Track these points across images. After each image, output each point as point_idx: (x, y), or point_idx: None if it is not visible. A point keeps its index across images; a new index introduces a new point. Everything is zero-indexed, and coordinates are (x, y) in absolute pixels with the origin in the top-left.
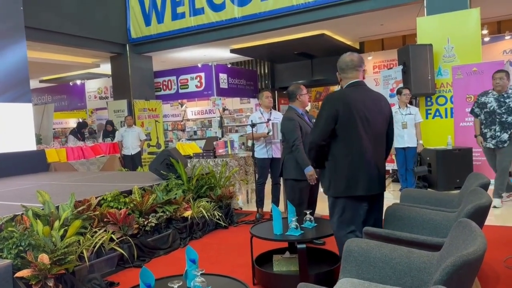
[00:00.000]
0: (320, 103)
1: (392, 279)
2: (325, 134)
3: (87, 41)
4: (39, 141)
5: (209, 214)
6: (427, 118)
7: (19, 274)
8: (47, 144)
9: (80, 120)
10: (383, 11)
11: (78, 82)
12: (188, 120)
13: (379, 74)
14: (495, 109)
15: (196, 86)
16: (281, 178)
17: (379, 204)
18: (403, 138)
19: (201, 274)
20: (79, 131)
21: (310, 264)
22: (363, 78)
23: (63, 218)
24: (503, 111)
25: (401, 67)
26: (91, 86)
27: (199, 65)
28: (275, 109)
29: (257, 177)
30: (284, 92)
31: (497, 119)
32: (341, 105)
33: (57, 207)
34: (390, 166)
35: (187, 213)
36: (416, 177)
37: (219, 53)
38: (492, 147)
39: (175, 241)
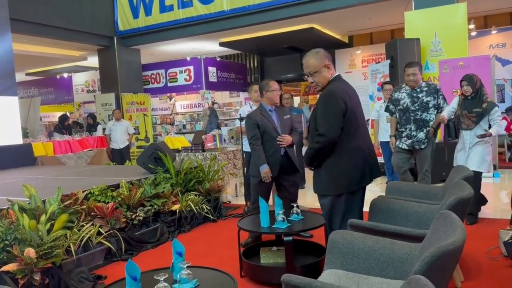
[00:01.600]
0: (310, 97)
1: (375, 270)
2: (339, 129)
3: (74, 33)
4: (25, 134)
5: (197, 207)
6: None
7: (5, 268)
8: (34, 137)
9: (62, 114)
10: (371, 5)
11: (65, 75)
12: (177, 113)
13: (367, 68)
14: (408, 105)
15: (185, 79)
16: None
17: (364, 194)
18: (388, 132)
19: (188, 266)
20: (63, 125)
21: (296, 256)
22: None
23: (49, 212)
24: (417, 107)
25: (388, 61)
26: (79, 79)
27: (188, 59)
28: None
29: (245, 170)
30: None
31: (412, 117)
32: (346, 98)
33: (44, 201)
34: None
35: (175, 207)
36: None
37: (208, 46)
38: (406, 147)
39: (163, 234)
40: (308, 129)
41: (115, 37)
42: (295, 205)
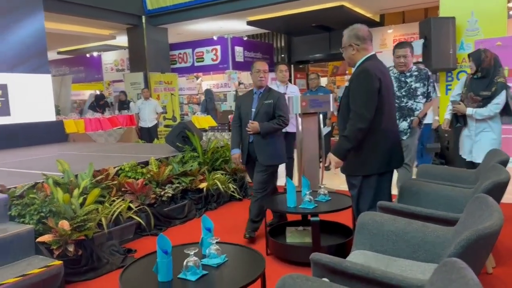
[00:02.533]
0: (338, 77)
1: (405, 252)
2: (375, 108)
3: (103, 12)
4: (57, 112)
5: (223, 186)
6: (446, 93)
7: (41, 239)
8: (65, 115)
9: (98, 93)
10: None
11: (95, 54)
12: (203, 93)
13: None
14: (394, 91)
15: (212, 59)
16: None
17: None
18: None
19: (216, 242)
20: (98, 104)
21: (323, 236)
22: None
23: (82, 187)
24: (403, 93)
25: (421, 40)
26: (108, 58)
27: (215, 38)
28: (291, 83)
29: None
30: (300, 66)
31: (396, 104)
32: (381, 76)
33: (76, 176)
34: None
35: (203, 185)
36: (433, 153)
37: (236, 25)
38: None
39: (191, 211)
40: (339, 108)
41: (143, 16)
42: (322, 186)
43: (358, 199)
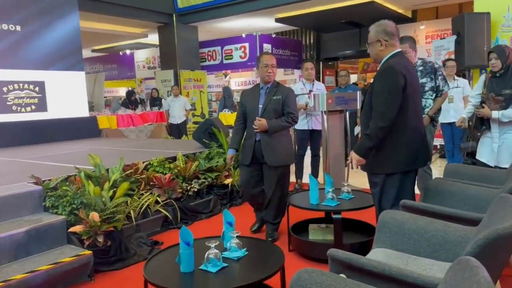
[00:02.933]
0: (368, 74)
1: (426, 251)
2: (398, 106)
3: (136, 10)
4: (91, 108)
5: None
6: None
7: (72, 229)
8: (99, 111)
9: (129, 89)
10: None
11: (128, 52)
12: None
13: (431, 45)
14: (420, 89)
15: (240, 56)
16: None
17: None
18: (449, 112)
19: (237, 236)
20: (129, 100)
21: (345, 234)
22: None
23: (112, 180)
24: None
25: (454, 37)
26: (140, 56)
27: (244, 35)
28: (319, 80)
29: (296, 148)
30: (330, 63)
31: None
32: (406, 73)
33: (107, 170)
34: (437, 142)
35: (228, 181)
36: (464, 153)
37: (264, 22)
38: None
39: (216, 206)
40: (362, 106)
41: (174, 15)
42: (345, 184)
43: (381, 198)
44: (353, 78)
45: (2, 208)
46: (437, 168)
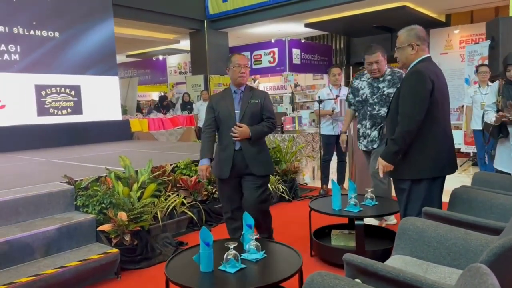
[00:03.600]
0: None
1: (446, 259)
2: (425, 111)
3: (168, 17)
4: (124, 111)
5: (273, 187)
6: None
7: (101, 228)
8: (132, 115)
9: (162, 94)
10: None
11: (160, 57)
12: None
13: (465, 50)
14: (367, 97)
15: (269, 61)
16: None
17: (443, 185)
18: (482, 119)
19: (256, 239)
20: (161, 105)
21: (369, 241)
22: None
23: (140, 181)
24: (375, 100)
25: (488, 42)
26: (172, 61)
27: (273, 41)
28: (349, 85)
29: (322, 153)
30: (360, 68)
31: (368, 111)
32: (434, 78)
33: (136, 171)
34: (470, 149)
35: None
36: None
37: (294, 27)
38: (364, 149)
39: None
40: (388, 111)
41: (205, 21)
42: (369, 190)
43: (407, 205)
44: None
45: (36, 205)
46: (469, 176)
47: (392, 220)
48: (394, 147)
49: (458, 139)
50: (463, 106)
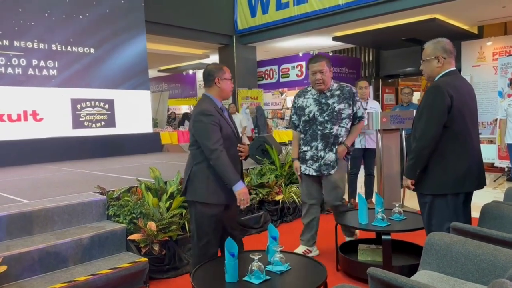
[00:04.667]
0: None
1: (474, 276)
2: (441, 126)
3: (199, 33)
4: (155, 124)
5: (300, 199)
6: None
7: (131, 237)
8: (162, 127)
9: (190, 107)
10: None
11: (190, 71)
12: (287, 108)
13: (498, 62)
14: (315, 115)
15: (297, 75)
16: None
17: (470, 201)
18: None
19: (281, 251)
20: (188, 118)
21: (397, 256)
22: None
23: (169, 192)
24: (326, 118)
25: None
26: (201, 76)
27: (300, 54)
28: (378, 98)
29: (349, 167)
30: (390, 81)
31: (319, 131)
32: (454, 93)
33: (166, 183)
34: (504, 164)
35: (279, 197)
36: None
37: (321, 41)
38: (314, 173)
39: (266, 221)
40: (412, 126)
41: (234, 36)
42: (397, 205)
43: (429, 219)
44: (416, 95)
45: (71, 214)
46: (503, 191)
47: (315, 251)
48: (411, 161)
49: (492, 153)
50: (496, 119)
